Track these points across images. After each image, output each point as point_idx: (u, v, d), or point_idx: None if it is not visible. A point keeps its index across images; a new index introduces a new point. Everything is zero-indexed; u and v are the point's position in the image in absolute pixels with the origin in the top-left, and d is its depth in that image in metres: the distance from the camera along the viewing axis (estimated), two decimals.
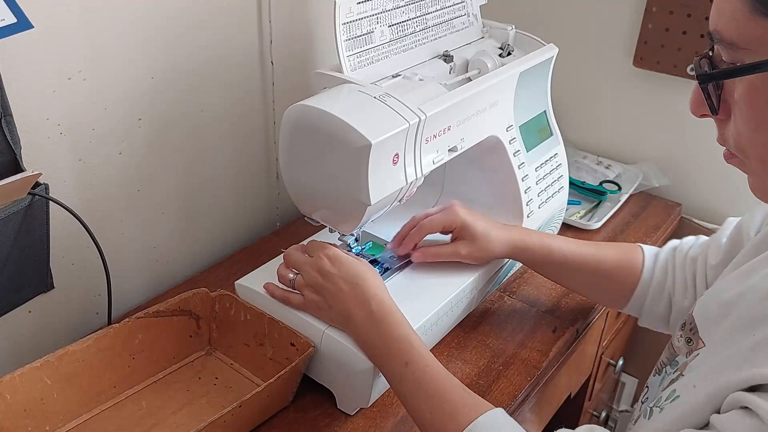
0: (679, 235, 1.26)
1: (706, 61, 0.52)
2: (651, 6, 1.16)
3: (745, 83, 0.49)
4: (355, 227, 0.78)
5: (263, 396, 0.72)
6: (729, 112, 0.52)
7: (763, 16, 0.46)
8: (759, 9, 0.46)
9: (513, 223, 0.95)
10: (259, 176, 1.10)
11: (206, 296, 0.84)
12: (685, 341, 0.63)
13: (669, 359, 0.65)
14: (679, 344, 0.64)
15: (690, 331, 0.63)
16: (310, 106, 0.72)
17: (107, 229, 0.88)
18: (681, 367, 0.61)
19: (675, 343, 0.65)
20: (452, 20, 0.93)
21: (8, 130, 0.69)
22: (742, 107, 0.50)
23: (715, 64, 0.52)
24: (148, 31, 0.84)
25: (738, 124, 0.51)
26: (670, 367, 0.64)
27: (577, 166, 1.29)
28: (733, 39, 0.48)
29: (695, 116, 0.55)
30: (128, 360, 0.79)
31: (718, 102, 0.52)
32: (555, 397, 1.02)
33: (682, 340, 0.64)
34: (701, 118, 0.55)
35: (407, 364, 0.68)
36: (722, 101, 0.52)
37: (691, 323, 0.63)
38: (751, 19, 0.46)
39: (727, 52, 0.49)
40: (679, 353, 0.64)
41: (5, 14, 0.64)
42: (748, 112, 0.50)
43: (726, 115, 0.53)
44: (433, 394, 0.66)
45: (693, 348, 0.61)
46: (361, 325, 0.72)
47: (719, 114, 0.53)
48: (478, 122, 0.86)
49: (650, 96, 1.25)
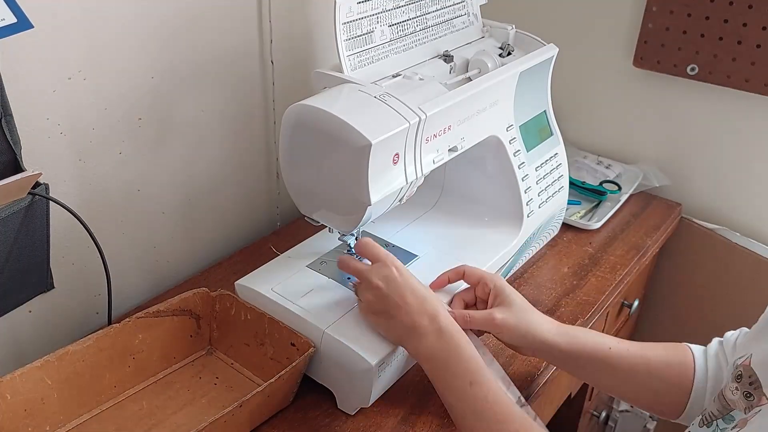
0: (680, 235, 1.26)
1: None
2: (651, 5, 1.16)
3: None
4: (355, 227, 0.78)
5: (264, 396, 0.72)
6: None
7: None
8: None
9: (513, 223, 0.95)
10: (259, 176, 1.10)
11: (207, 296, 0.84)
12: (742, 395, 0.59)
13: (721, 412, 0.62)
14: (734, 398, 0.60)
15: (750, 384, 0.59)
16: (310, 105, 0.72)
17: (107, 229, 0.88)
18: (740, 423, 0.58)
19: (729, 396, 0.61)
20: (452, 20, 0.93)
21: (8, 130, 0.69)
22: None
23: None
24: (148, 31, 0.84)
25: None
26: (723, 422, 0.61)
27: (577, 166, 1.29)
28: None
29: None
30: (128, 360, 0.79)
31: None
32: (555, 397, 1.02)
33: (738, 394, 0.60)
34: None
35: (471, 384, 0.68)
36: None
37: (750, 376, 0.59)
38: None
39: None
40: (734, 407, 0.60)
41: (5, 14, 0.64)
42: None
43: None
44: (496, 418, 0.66)
45: (754, 403, 0.57)
46: (427, 339, 0.71)
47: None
48: (478, 122, 0.86)
49: (650, 96, 1.25)
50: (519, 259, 1.01)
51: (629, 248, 1.11)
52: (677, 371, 0.75)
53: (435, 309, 0.72)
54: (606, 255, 1.08)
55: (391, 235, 0.95)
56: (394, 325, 0.74)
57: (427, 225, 0.99)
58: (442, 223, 0.99)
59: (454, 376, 0.69)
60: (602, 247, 1.10)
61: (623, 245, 1.11)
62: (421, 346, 0.72)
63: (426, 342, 0.71)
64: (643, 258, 1.09)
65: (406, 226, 0.98)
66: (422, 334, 0.71)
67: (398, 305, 0.73)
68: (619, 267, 1.06)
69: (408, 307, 0.72)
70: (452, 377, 0.69)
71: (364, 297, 0.76)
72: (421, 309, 0.72)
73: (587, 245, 1.11)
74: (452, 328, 0.72)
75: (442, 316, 0.72)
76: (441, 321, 0.72)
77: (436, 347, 0.71)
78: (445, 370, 0.70)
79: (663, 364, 0.75)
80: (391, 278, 0.74)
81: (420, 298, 0.73)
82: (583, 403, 1.22)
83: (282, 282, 0.83)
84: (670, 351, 0.76)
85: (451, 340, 0.71)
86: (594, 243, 1.11)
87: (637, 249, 1.11)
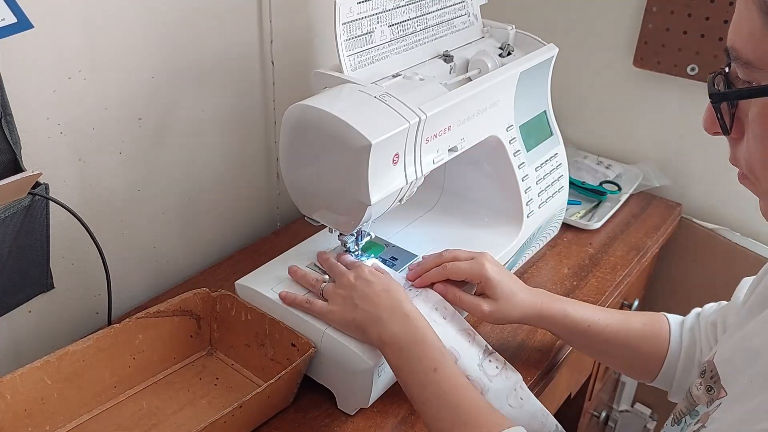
0: (679, 235, 1.26)
1: (721, 78, 0.50)
2: (651, 6, 1.16)
3: (759, 104, 0.47)
4: (355, 227, 0.78)
5: (264, 396, 0.72)
6: (742, 131, 0.50)
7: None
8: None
9: (513, 223, 0.95)
10: (259, 176, 1.10)
11: (207, 296, 0.84)
12: (705, 390, 0.60)
13: (688, 408, 0.62)
14: (699, 393, 0.61)
15: (711, 379, 0.60)
16: (310, 105, 0.72)
17: (107, 229, 0.88)
18: (703, 417, 0.58)
19: (694, 392, 0.62)
20: (452, 20, 0.93)
21: (8, 130, 0.69)
22: (756, 128, 0.48)
23: (731, 81, 0.50)
24: (148, 31, 0.84)
25: (750, 145, 0.49)
26: (689, 417, 0.61)
27: (577, 166, 1.29)
28: (749, 58, 0.46)
29: (708, 133, 0.53)
30: (129, 360, 0.79)
31: (732, 121, 0.50)
32: (555, 397, 1.02)
33: (701, 389, 0.61)
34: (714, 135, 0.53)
35: (436, 370, 0.68)
36: (736, 119, 0.50)
37: (712, 371, 0.60)
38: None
39: (743, 70, 0.48)
40: (698, 402, 0.61)
41: (5, 14, 0.64)
42: (762, 134, 0.48)
43: (739, 134, 0.51)
44: (457, 404, 0.65)
45: (714, 397, 0.58)
46: (390, 325, 0.71)
47: (732, 133, 0.51)
48: (478, 122, 0.86)
49: (650, 96, 1.25)
50: (519, 259, 1.01)
51: (629, 248, 1.11)
52: (653, 342, 0.80)
53: (399, 298, 0.73)
54: (606, 255, 1.08)
55: (391, 235, 0.95)
56: (359, 313, 0.74)
57: (427, 225, 0.99)
58: (442, 223, 0.99)
59: (418, 361, 0.69)
60: (602, 248, 1.10)
61: (623, 245, 1.11)
62: (386, 333, 0.71)
63: (390, 328, 0.71)
64: (643, 258, 1.09)
65: (406, 226, 0.98)
66: (386, 320, 0.72)
67: (364, 294, 0.74)
68: (619, 267, 1.06)
69: (375, 296, 0.73)
70: (416, 362, 0.69)
71: (333, 294, 0.77)
72: (386, 298, 0.73)
73: (587, 245, 1.11)
74: (416, 315, 0.72)
75: (406, 303, 0.73)
76: (405, 308, 0.72)
77: (400, 333, 0.71)
78: (408, 355, 0.70)
79: (640, 337, 0.80)
80: (360, 272, 0.77)
81: (386, 291, 0.74)
82: (583, 403, 1.22)
83: (282, 282, 0.83)
84: (648, 323, 0.81)
85: (415, 327, 0.71)
86: (594, 243, 1.11)
87: (637, 249, 1.11)
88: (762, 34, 0.45)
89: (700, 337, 0.78)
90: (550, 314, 0.81)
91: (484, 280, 0.79)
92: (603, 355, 0.85)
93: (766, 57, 0.45)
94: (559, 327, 0.81)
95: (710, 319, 0.78)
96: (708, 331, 0.78)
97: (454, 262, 0.81)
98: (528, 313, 0.80)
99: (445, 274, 0.80)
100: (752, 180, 0.52)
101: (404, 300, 0.74)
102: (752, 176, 0.51)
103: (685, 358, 0.78)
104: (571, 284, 1.01)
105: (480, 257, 0.81)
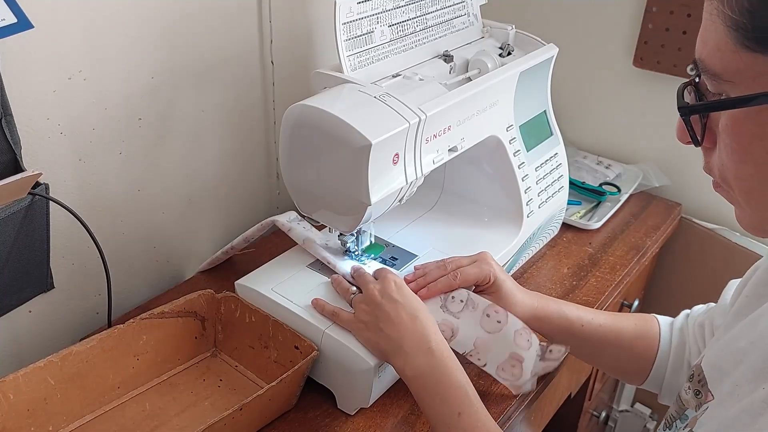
0: (679, 235, 1.26)
1: (692, 88, 0.51)
2: (651, 6, 1.16)
3: (728, 115, 0.47)
4: (355, 227, 0.78)
5: (265, 399, 0.72)
6: (715, 140, 0.50)
7: (747, 49, 0.44)
8: (743, 42, 0.44)
9: (513, 223, 0.95)
10: (259, 176, 1.10)
11: (212, 298, 0.84)
12: (693, 394, 0.60)
13: (678, 413, 0.62)
14: (687, 397, 0.61)
15: (699, 383, 0.60)
16: (310, 105, 0.72)
17: (107, 229, 0.88)
18: (691, 422, 0.58)
19: (683, 396, 0.62)
20: (452, 20, 0.93)
21: (8, 130, 0.69)
22: (726, 139, 0.48)
23: (701, 92, 0.50)
24: (148, 31, 0.84)
25: (722, 155, 0.49)
26: (680, 422, 0.62)
27: (577, 166, 1.29)
28: (716, 70, 0.47)
29: (681, 143, 0.53)
30: (132, 361, 0.79)
31: (703, 131, 0.50)
32: (555, 397, 1.02)
33: (690, 393, 0.61)
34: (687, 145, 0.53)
35: (460, 415, 0.66)
36: (708, 129, 0.50)
37: (699, 375, 0.60)
38: (735, 51, 0.45)
39: (712, 82, 0.48)
40: (688, 406, 0.61)
41: (5, 14, 0.64)
42: (732, 145, 0.48)
43: (711, 144, 0.51)
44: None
45: (702, 401, 0.58)
46: (414, 359, 0.70)
47: (704, 143, 0.51)
48: (478, 122, 0.86)
49: (650, 96, 1.25)
50: (519, 259, 1.01)
51: (629, 248, 1.11)
52: (643, 344, 0.80)
53: (424, 329, 0.71)
54: (606, 255, 1.09)
55: (391, 235, 0.95)
56: (382, 340, 0.72)
57: (427, 225, 0.99)
58: (442, 223, 0.99)
59: (443, 403, 0.68)
60: (602, 247, 1.10)
61: (623, 245, 1.11)
62: (408, 365, 0.70)
63: (413, 362, 0.70)
64: (642, 258, 1.09)
65: (406, 226, 0.98)
66: (409, 353, 0.70)
67: (389, 318, 0.72)
68: (618, 267, 1.06)
69: (400, 322, 0.72)
70: (441, 404, 0.68)
71: (359, 307, 0.76)
72: (410, 327, 0.71)
73: (587, 245, 1.11)
74: (442, 351, 0.70)
75: (432, 338, 0.71)
76: (431, 343, 0.70)
77: (423, 367, 0.69)
78: (433, 394, 0.69)
79: (632, 337, 0.81)
80: (388, 291, 0.74)
81: (411, 316, 0.72)
82: (583, 403, 1.22)
83: (282, 282, 0.83)
84: (639, 325, 0.81)
85: (439, 365, 0.69)
86: (594, 243, 1.11)
87: (636, 249, 1.11)
88: (728, 47, 0.45)
89: (689, 338, 0.79)
90: (545, 314, 0.81)
91: (492, 280, 0.79)
92: (596, 357, 0.85)
93: (733, 69, 0.46)
94: (554, 327, 0.82)
95: (698, 320, 0.79)
96: (696, 333, 0.78)
97: (460, 269, 0.80)
98: (526, 312, 0.80)
99: (456, 283, 0.79)
100: (725, 188, 0.52)
101: (431, 330, 0.72)
102: (725, 185, 0.52)
103: (674, 359, 0.79)
104: (571, 284, 1.01)
105: (483, 259, 0.81)
